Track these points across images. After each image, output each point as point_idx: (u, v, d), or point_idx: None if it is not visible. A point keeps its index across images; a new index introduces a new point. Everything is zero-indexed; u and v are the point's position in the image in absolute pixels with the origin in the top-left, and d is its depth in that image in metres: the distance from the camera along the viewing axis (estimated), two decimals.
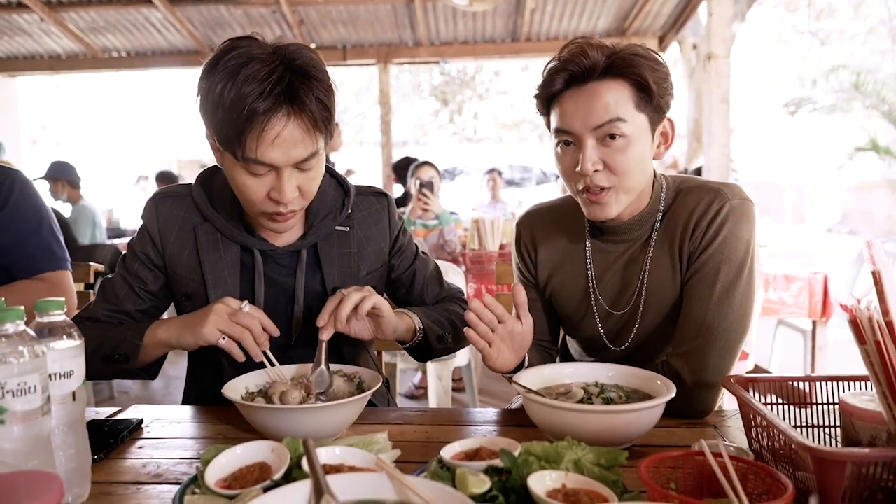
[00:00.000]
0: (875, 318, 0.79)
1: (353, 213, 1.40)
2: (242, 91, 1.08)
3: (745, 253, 1.20)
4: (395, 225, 1.45)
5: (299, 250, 1.34)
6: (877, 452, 0.75)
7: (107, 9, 6.64)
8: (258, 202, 1.20)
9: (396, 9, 6.80)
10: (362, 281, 1.37)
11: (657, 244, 1.28)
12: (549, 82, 1.21)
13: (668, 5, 6.81)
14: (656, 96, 1.18)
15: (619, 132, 1.16)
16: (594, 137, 1.18)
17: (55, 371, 0.85)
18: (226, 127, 1.12)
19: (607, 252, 1.33)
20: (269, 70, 1.10)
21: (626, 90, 1.17)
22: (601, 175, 1.19)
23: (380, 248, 1.41)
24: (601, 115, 1.16)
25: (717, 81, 4.37)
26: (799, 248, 11.39)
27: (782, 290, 3.18)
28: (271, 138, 1.11)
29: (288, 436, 0.92)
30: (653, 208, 1.28)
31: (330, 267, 1.36)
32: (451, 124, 19.84)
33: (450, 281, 1.56)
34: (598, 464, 0.85)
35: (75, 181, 5.02)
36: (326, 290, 1.35)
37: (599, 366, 1.20)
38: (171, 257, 1.35)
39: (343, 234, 1.37)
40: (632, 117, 1.17)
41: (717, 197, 1.22)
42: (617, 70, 1.16)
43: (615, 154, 1.18)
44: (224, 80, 1.10)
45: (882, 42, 16.19)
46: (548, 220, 1.42)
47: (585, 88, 1.17)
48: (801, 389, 1.05)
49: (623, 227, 1.30)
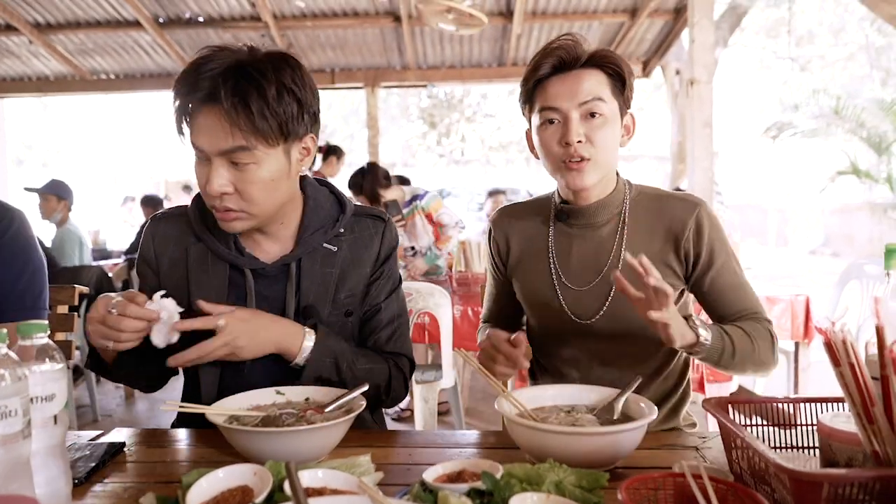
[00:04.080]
0: (849, 341, 0.80)
1: (346, 233, 1.39)
2: (184, 85, 1.18)
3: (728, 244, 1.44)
4: (385, 251, 1.41)
5: (288, 264, 1.34)
6: (853, 473, 0.76)
7: (95, 31, 6.67)
8: (203, 191, 1.25)
9: (384, 33, 6.88)
10: (339, 303, 1.36)
11: (632, 236, 1.42)
12: (537, 67, 1.38)
13: (651, 31, 6.94)
14: (627, 88, 1.39)
15: (599, 111, 1.35)
16: (578, 113, 1.35)
17: (37, 394, 0.85)
18: (178, 115, 1.22)
19: (571, 235, 1.47)
20: (212, 64, 1.17)
21: (604, 78, 1.37)
22: (584, 146, 1.35)
23: (364, 271, 1.39)
24: (585, 94, 1.34)
25: (700, 106, 4.43)
26: (783, 271, 11.49)
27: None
28: (197, 124, 1.20)
29: (271, 458, 0.92)
30: (616, 197, 1.44)
31: (307, 283, 1.34)
32: (439, 146, 19.95)
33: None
34: (580, 485, 0.86)
35: (72, 203, 5.00)
36: (299, 307, 1.33)
37: (581, 388, 1.22)
38: (165, 278, 1.36)
39: (329, 253, 1.36)
40: (609, 100, 1.37)
41: (689, 202, 1.42)
42: (598, 62, 1.37)
43: (596, 129, 1.35)
44: (178, 81, 1.21)
45: (861, 68, 16.53)
46: (518, 214, 1.57)
47: (571, 74, 1.36)
48: (782, 410, 1.07)
49: (588, 210, 1.44)
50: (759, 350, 1.34)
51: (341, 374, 1.29)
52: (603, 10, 6.51)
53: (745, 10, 10.39)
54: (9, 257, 1.55)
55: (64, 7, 6.34)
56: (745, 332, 1.33)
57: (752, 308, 1.40)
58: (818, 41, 16.99)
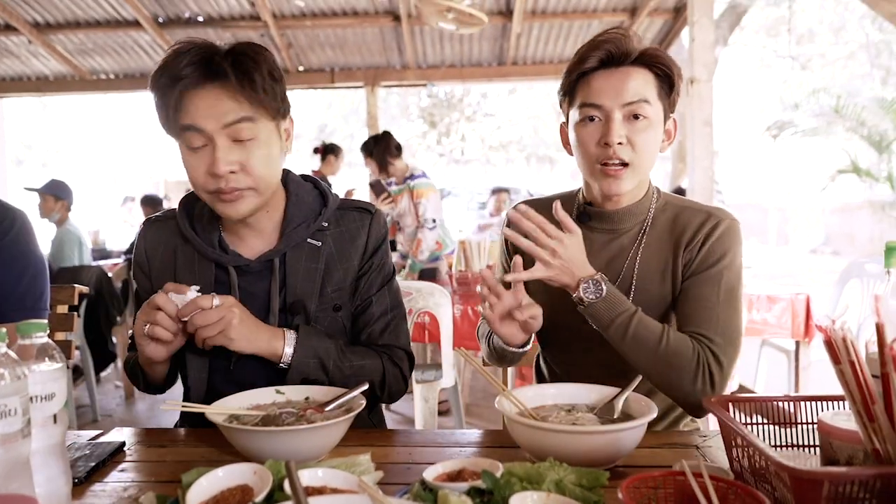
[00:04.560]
0: (849, 339, 0.80)
1: (330, 227, 1.38)
2: (167, 71, 1.19)
3: (740, 265, 1.33)
4: (372, 244, 1.39)
5: (272, 259, 1.34)
6: (853, 471, 0.76)
7: (95, 31, 6.67)
8: (201, 180, 1.23)
9: (384, 32, 6.87)
10: (326, 297, 1.35)
11: (649, 246, 1.37)
12: (583, 59, 1.31)
13: (651, 30, 6.93)
14: (674, 92, 1.33)
15: (644, 113, 1.29)
16: (622, 114, 1.28)
17: (36, 393, 0.85)
18: (164, 108, 1.21)
19: (591, 238, 1.39)
20: (193, 49, 1.20)
21: (652, 79, 1.31)
22: (624, 149, 1.29)
23: (351, 264, 1.37)
24: (632, 94, 1.28)
25: (700, 105, 4.42)
26: (784, 269, 11.49)
27: (765, 310, 3.21)
28: (195, 105, 1.19)
29: (271, 458, 0.92)
30: (643, 205, 1.39)
31: (293, 279, 1.33)
32: (439, 146, 19.95)
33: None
34: (580, 484, 0.86)
35: (71, 203, 5.00)
36: (286, 303, 1.33)
37: (582, 387, 1.21)
38: (156, 280, 1.37)
39: (313, 248, 1.35)
40: (654, 102, 1.30)
41: (714, 216, 1.35)
42: (647, 60, 1.30)
43: (638, 132, 1.29)
44: (157, 73, 1.21)
45: (861, 67, 16.52)
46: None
47: (618, 70, 1.29)
48: (782, 409, 1.07)
49: (614, 216, 1.39)
50: (662, 356, 1.21)
51: (328, 372, 1.29)
52: (603, 10, 6.50)
53: (745, 9, 10.38)
54: (9, 259, 1.54)
55: (63, 7, 6.34)
56: (663, 333, 1.23)
57: (704, 331, 1.26)
58: (818, 40, 16.98)
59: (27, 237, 1.59)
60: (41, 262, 1.61)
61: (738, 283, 1.31)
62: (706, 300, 1.29)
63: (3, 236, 1.54)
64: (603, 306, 1.23)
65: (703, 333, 1.26)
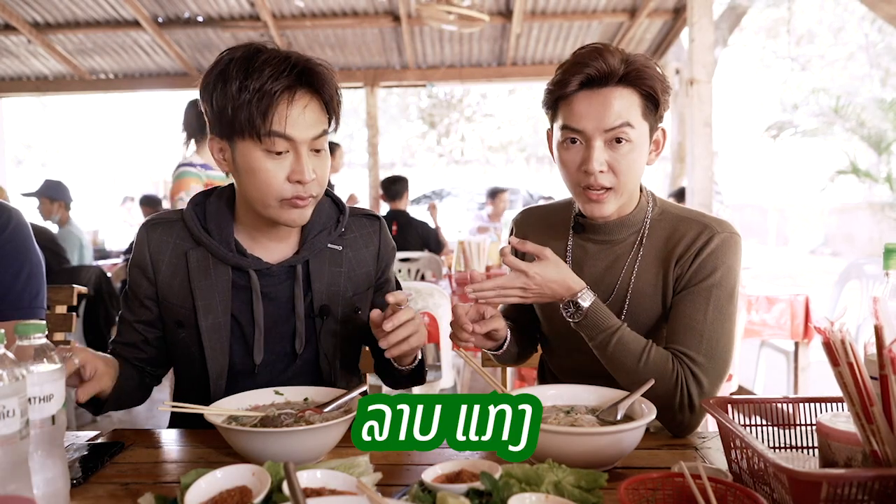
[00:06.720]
0: (848, 341, 0.80)
1: (346, 233, 1.41)
2: (263, 74, 1.18)
3: (734, 282, 1.28)
4: (385, 252, 1.45)
5: (294, 265, 1.35)
6: (852, 473, 0.76)
7: (94, 31, 6.66)
8: (278, 186, 1.23)
9: (384, 33, 6.87)
10: (349, 301, 1.38)
11: (645, 258, 1.35)
12: (563, 82, 1.26)
13: (651, 31, 6.94)
14: (660, 108, 1.29)
15: (627, 137, 1.25)
16: (602, 139, 1.25)
17: (34, 395, 0.85)
18: (247, 111, 1.18)
19: (586, 249, 1.41)
20: (282, 57, 1.20)
21: (636, 99, 1.26)
22: (605, 176, 1.26)
23: (368, 270, 1.43)
24: (613, 119, 1.24)
25: (700, 105, 4.42)
26: (783, 270, 11.49)
27: (764, 311, 3.21)
28: (294, 113, 1.20)
29: (269, 459, 0.92)
30: (637, 216, 1.37)
31: (319, 284, 1.36)
32: (439, 146, 19.94)
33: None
34: (579, 486, 0.86)
35: (69, 203, 4.99)
36: (314, 307, 1.35)
37: (581, 388, 1.21)
38: (163, 285, 1.35)
39: (335, 253, 1.39)
40: (638, 124, 1.26)
41: (709, 229, 1.31)
42: (631, 80, 1.25)
43: (620, 158, 1.26)
44: (241, 71, 1.18)
45: (861, 67, 16.52)
46: (539, 219, 1.52)
47: (600, 92, 1.25)
48: (781, 410, 1.07)
49: (607, 227, 1.37)
50: (642, 375, 1.19)
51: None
52: (602, 10, 6.50)
53: (745, 10, 10.38)
54: (5, 257, 1.54)
55: (63, 7, 6.34)
56: (643, 352, 1.22)
57: (687, 349, 1.23)
58: (818, 41, 16.98)
59: (23, 235, 1.58)
60: (38, 261, 1.60)
61: (728, 302, 1.27)
62: (692, 318, 1.25)
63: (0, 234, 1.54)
64: (585, 324, 1.25)
65: (685, 352, 1.23)
